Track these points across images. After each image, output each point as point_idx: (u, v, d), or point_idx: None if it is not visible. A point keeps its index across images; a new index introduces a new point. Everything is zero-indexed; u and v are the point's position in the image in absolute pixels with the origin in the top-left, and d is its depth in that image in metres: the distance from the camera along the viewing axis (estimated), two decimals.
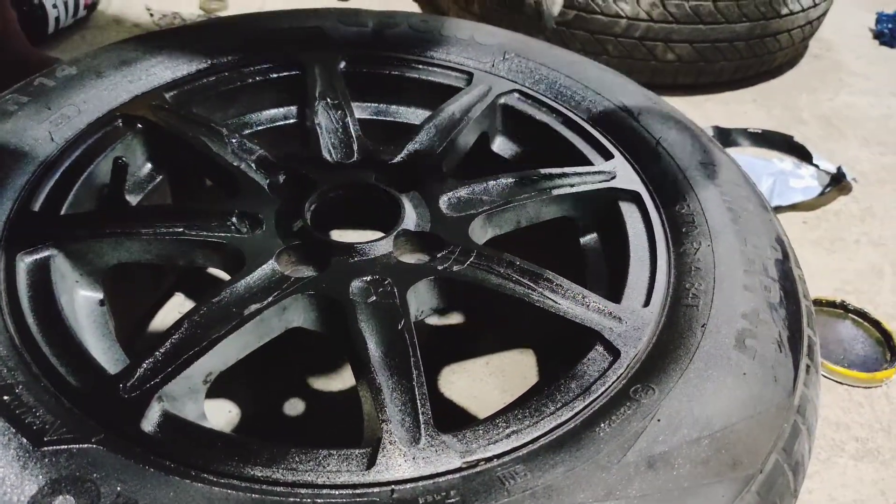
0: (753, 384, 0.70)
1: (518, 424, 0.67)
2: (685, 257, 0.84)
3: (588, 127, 1.02)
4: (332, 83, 1.05)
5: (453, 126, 1.01)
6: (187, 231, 0.82)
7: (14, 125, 0.89)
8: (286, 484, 0.60)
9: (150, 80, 1.01)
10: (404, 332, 0.74)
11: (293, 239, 0.83)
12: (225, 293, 0.75)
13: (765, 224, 0.90)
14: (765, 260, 0.84)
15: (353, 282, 0.78)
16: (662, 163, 0.97)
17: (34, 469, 0.57)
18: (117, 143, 0.93)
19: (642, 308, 0.79)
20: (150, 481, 0.58)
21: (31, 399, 0.63)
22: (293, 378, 1.06)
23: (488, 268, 0.81)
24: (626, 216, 0.91)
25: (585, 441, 0.64)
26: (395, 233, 0.84)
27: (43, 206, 0.82)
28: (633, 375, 0.71)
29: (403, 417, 0.66)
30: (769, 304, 0.78)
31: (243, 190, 0.89)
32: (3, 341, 0.67)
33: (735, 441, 0.66)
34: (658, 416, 0.66)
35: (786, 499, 0.68)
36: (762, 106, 1.86)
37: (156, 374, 0.68)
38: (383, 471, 0.61)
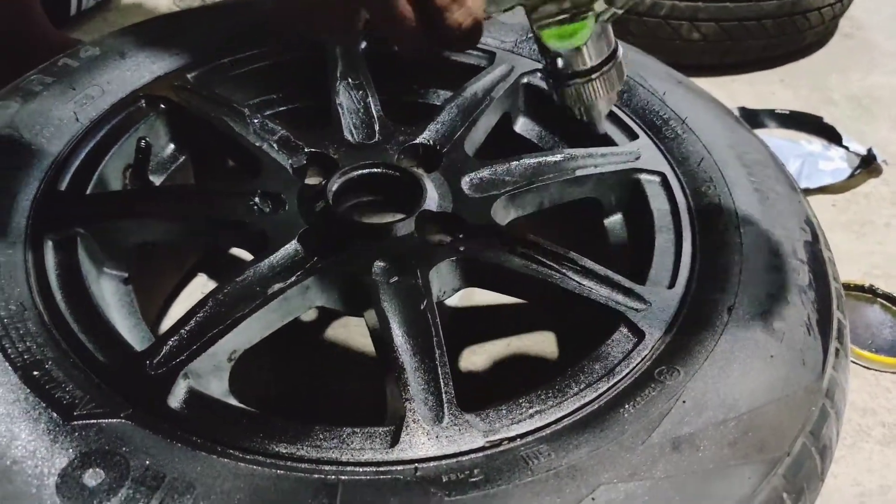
0: (781, 367, 0.70)
1: (541, 405, 0.66)
2: (711, 238, 0.83)
3: (612, 107, 1.01)
4: (354, 63, 1.04)
5: (475, 106, 1.01)
6: (211, 211, 0.83)
7: (40, 105, 0.90)
8: (310, 461, 0.60)
9: (173, 61, 1.01)
10: (427, 312, 0.73)
11: (316, 219, 0.83)
12: (249, 272, 0.76)
13: (793, 206, 0.88)
14: (793, 242, 0.82)
15: (376, 262, 0.78)
16: (689, 143, 0.95)
17: (64, 442, 0.58)
18: (141, 123, 0.93)
19: (667, 290, 0.78)
20: (178, 456, 0.58)
21: (61, 374, 0.64)
22: (316, 356, 1.07)
23: (511, 248, 0.81)
24: (651, 197, 0.90)
25: (609, 422, 0.64)
26: (416, 213, 0.84)
27: (69, 186, 0.83)
28: (658, 357, 0.71)
29: (426, 396, 0.66)
30: (798, 287, 0.77)
31: (266, 170, 0.89)
32: (33, 318, 0.68)
33: (762, 424, 0.65)
34: (683, 398, 0.66)
35: (813, 482, 0.67)
36: (790, 86, 1.82)
37: (181, 351, 0.68)
38: (407, 449, 0.62)
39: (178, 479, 0.57)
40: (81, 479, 0.56)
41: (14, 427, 0.59)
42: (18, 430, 0.59)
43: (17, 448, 0.58)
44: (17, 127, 0.86)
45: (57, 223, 0.78)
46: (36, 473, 0.56)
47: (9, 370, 0.63)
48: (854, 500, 0.99)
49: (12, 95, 0.90)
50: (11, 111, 0.88)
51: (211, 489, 0.56)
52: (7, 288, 0.70)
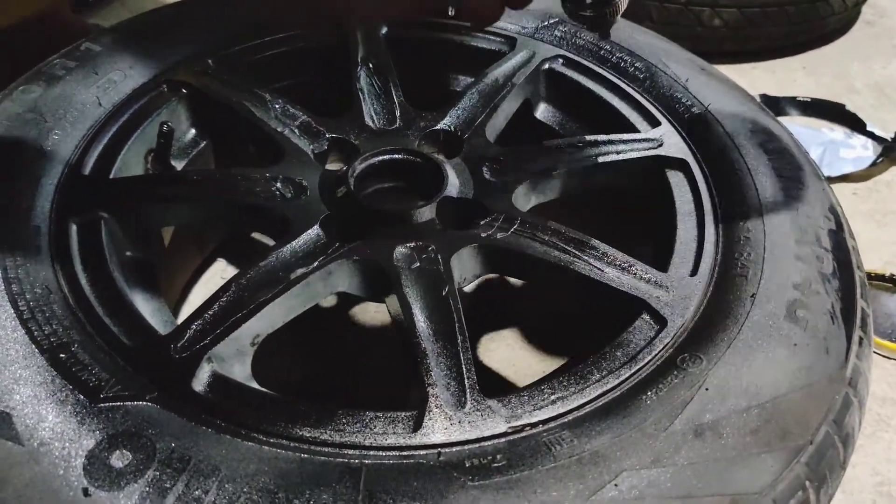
0: (804, 355, 0.69)
1: (563, 391, 0.66)
2: (734, 226, 0.82)
3: (634, 93, 1.00)
4: (375, 48, 1.04)
5: (496, 92, 1.00)
6: (233, 196, 0.83)
7: (63, 90, 0.90)
8: (334, 445, 0.61)
9: (194, 46, 1.01)
10: (448, 298, 0.74)
11: (337, 204, 0.83)
12: (271, 258, 0.76)
13: (817, 193, 0.87)
14: (817, 230, 0.82)
15: (397, 248, 0.78)
16: (711, 130, 0.94)
17: (91, 424, 0.59)
18: (163, 108, 0.93)
19: (689, 277, 0.77)
20: (203, 439, 0.59)
21: (87, 357, 0.64)
22: (337, 341, 1.07)
23: (532, 235, 0.81)
24: (673, 184, 0.89)
25: (632, 409, 0.64)
26: (438, 200, 0.84)
27: (93, 170, 0.84)
28: (681, 344, 0.70)
29: (449, 382, 0.66)
30: (822, 275, 0.76)
31: (287, 155, 0.89)
32: (59, 301, 0.69)
33: (785, 412, 0.65)
34: (706, 386, 0.66)
35: (835, 471, 0.67)
36: (812, 73, 1.80)
37: (205, 335, 0.69)
38: (429, 434, 0.62)
39: (204, 461, 0.57)
40: (108, 461, 0.57)
41: (41, 409, 0.60)
42: (45, 411, 0.59)
43: (44, 430, 0.58)
44: (40, 111, 0.86)
45: (81, 207, 0.78)
46: (63, 455, 0.57)
47: (35, 353, 0.64)
48: (873, 490, 0.98)
49: (35, 80, 0.91)
50: (35, 95, 0.88)
51: (236, 472, 0.57)
52: (33, 271, 0.71)
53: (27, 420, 0.59)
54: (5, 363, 0.62)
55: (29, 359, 0.63)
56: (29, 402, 0.60)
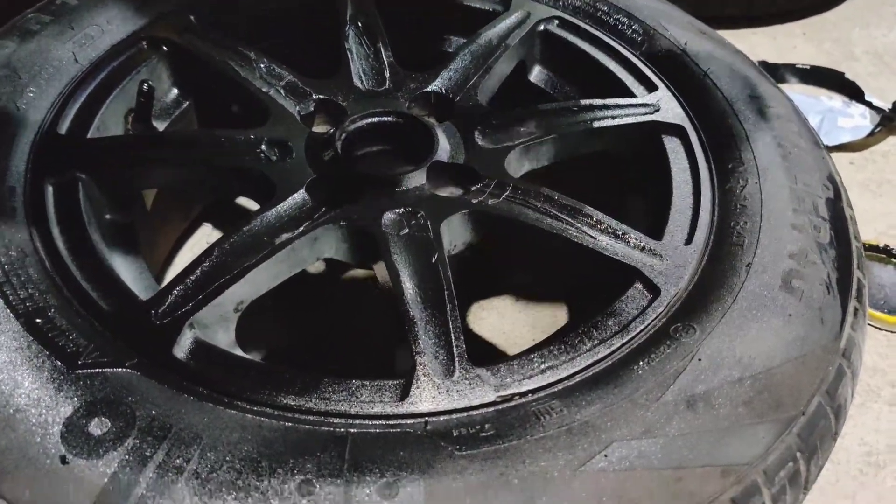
0: (799, 326, 0.68)
1: (553, 360, 0.65)
2: (731, 195, 0.80)
3: (631, 57, 0.98)
4: (364, 7, 1.01)
5: (490, 54, 0.97)
6: (216, 158, 0.80)
7: (38, 45, 0.87)
8: (319, 413, 0.59)
9: (176, 1, 0.97)
10: (438, 265, 0.72)
11: (324, 168, 0.80)
12: (256, 222, 0.74)
13: (816, 161, 0.85)
14: (815, 199, 0.80)
15: (386, 213, 0.76)
16: (709, 96, 0.92)
17: (69, 391, 0.57)
18: (143, 66, 0.90)
19: (684, 246, 0.76)
20: (184, 406, 0.57)
21: (64, 322, 0.62)
22: (324, 309, 1.06)
23: (524, 202, 0.79)
24: (670, 151, 0.87)
25: (623, 379, 0.63)
26: (428, 164, 0.81)
27: (69, 129, 0.81)
28: (674, 314, 0.69)
29: (437, 350, 0.65)
30: (818, 245, 0.75)
31: (272, 117, 0.86)
32: (34, 264, 0.67)
33: (778, 382, 0.64)
34: (699, 356, 0.65)
35: (826, 442, 0.66)
36: (812, 40, 1.77)
37: (187, 300, 0.67)
38: (417, 402, 0.61)
39: (185, 429, 0.56)
40: (87, 428, 0.55)
41: (17, 375, 0.58)
42: (22, 378, 0.58)
43: (20, 396, 0.57)
44: (14, 68, 0.83)
45: (57, 167, 0.76)
46: (40, 422, 0.55)
47: (11, 317, 0.62)
48: (861, 460, 0.98)
49: (9, 35, 0.87)
50: (8, 51, 0.85)
51: (218, 440, 0.55)
52: (7, 234, 0.68)
53: (2, 386, 0.57)
54: None
55: (4, 324, 0.61)
56: (4, 369, 0.58)
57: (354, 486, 0.54)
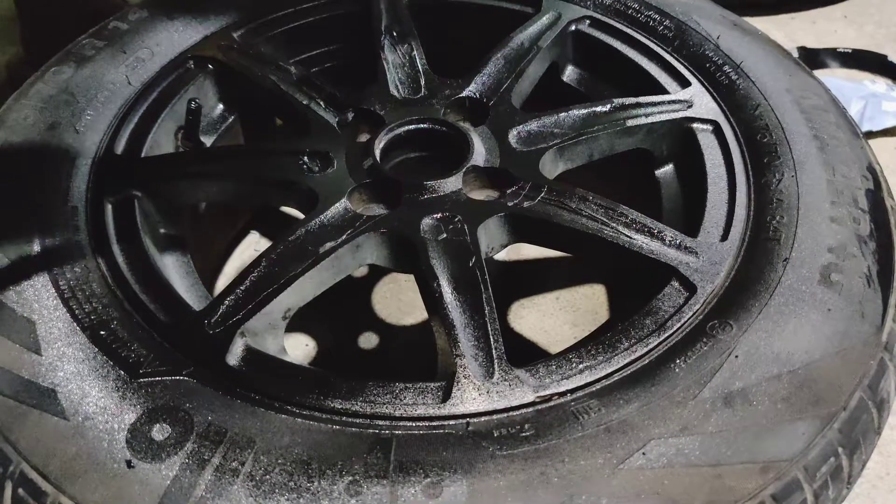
0: (838, 320, 0.68)
1: (591, 360, 0.67)
2: (766, 189, 0.80)
3: (664, 53, 0.98)
4: (398, 16, 1.03)
5: (522, 56, 0.98)
6: (262, 171, 0.84)
7: (93, 69, 0.91)
8: (365, 416, 0.62)
9: (219, 20, 1.01)
10: (475, 268, 0.74)
11: (364, 176, 0.83)
12: (300, 231, 0.77)
13: (855, 152, 0.85)
14: (854, 190, 0.79)
15: (424, 219, 0.78)
16: (744, 89, 0.92)
17: (132, 399, 0.61)
18: (190, 84, 0.94)
19: (720, 242, 0.76)
20: (238, 412, 0.61)
21: (126, 334, 0.66)
22: (366, 312, 1.09)
23: (560, 203, 0.80)
24: (704, 146, 0.87)
25: (660, 377, 0.64)
26: (464, 169, 0.83)
27: (125, 148, 0.85)
28: (710, 311, 0.70)
29: (477, 352, 0.67)
30: (858, 237, 0.75)
31: (313, 128, 0.89)
32: (97, 279, 0.71)
33: (817, 378, 0.64)
34: (736, 353, 0.65)
35: (869, 436, 0.66)
36: (853, 23, 1.73)
37: (238, 310, 0.70)
38: (458, 404, 0.63)
39: (240, 434, 0.59)
40: (150, 434, 0.59)
41: (85, 385, 0.62)
42: (89, 387, 0.62)
43: (88, 405, 0.61)
44: (72, 92, 0.88)
45: (115, 186, 0.80)
46: (107, 429, 0.59)
47: (77, 330, 0.66)
48: None
49: (66, 61, 0.92)
50: (66, 76, 0.90)
51: (270, 444, 0.59)
52: (72, 251, 0.73)
53: (72, 396, 0.61)
54: (49, 341, 0.65)
55: (71, 337, 0.66)
56: (73, 379, 0.63)
57: (400, 486, 0.56)
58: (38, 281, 0.69)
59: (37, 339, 0.65)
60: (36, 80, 0.90)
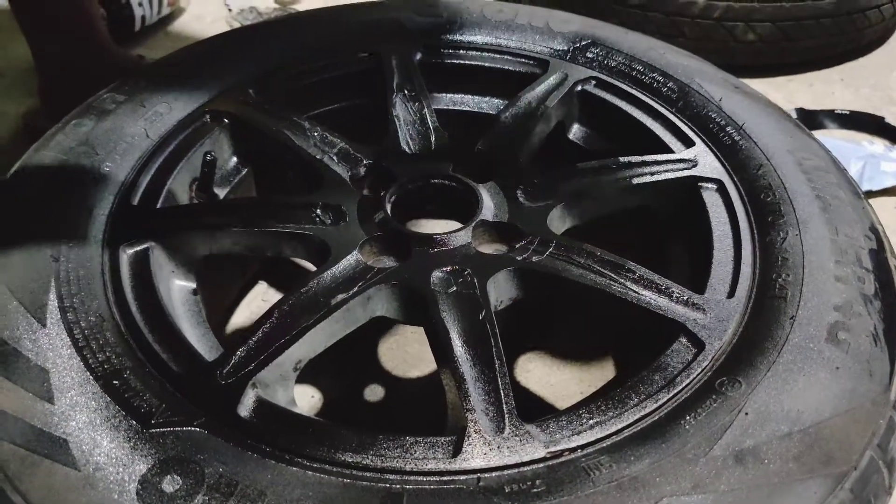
0: (847, 379, 0.68)
1: (601, 416, 0.67)
2: (772, 247, 0.82)
3: (668, 113, 1.01)
4: (409, 74, 1.06)
5: (530, 115, 1.01)
6: (275, 224, 0.85)
7: (113, 123, 0.94)
8: (375, 469, 0.62)
9: (235, 76, 1.04)
10: (485, 322, 0.74)
11: (375, 230, 0.85)
12: (312, 283, 0.78)
13: (857, 212, 0.86)
14: (858, 250, 0.81)
15: (434, 272, 0.79)
16: (746, 149, 0.94)
17: (143, 450, 0.61)
18: (206, 138, 0.96)
19: (727, 299, 0.77)
20: (249, 464, 0.61)
21: (138, 384, 0.67)
22: (372, 364, 1.09)
23: (568, 258, 0.81)
24: (709, 205, 0.89)
25: (671, 434, 0.64)
26: (473, 223, 0.85)
27: (141, 200, 0.87)
28: (719, 368, 0.70)
29: (487, 407, 0.67)
30: (863, 296, 0.76)
31: (326, 182, 0.91)
32: (111, 328, 0.72)
33: (828, 437, 0.64)
34: (745, 410, 0.65)
35: (880, 496, 0.66)
36: (850, 86, 1.77)
37: (249, 361, 0.71)
38: (469, 459, 0.63)
39: (251, 486, 0.59)
40: (160, 486, 0.59)
41: (96, 434, 0.62)
42: (100, 437, 0.62)
43: (99, 455, 0.61)
44: (92, 144, 0.90)
45: (131, 237, 0.81)
46: (118, 479, 0.59)
47: (90, 380, 0.66)
48: None
49: (87, 114, 0.95)
50: (86, 129, 0.92)
51: (281, 497, 0.58)
52: (87, 300, 0.74)
53: (83, 446, 0.61)
54: (62, 390, 0.65)
55: (84, 386, 0.66)
56: (85, 428, 0.62)
57: None
58: (54, 330, 0.70)
59: (50, 389, 0.65)
60: (57, 131, 0.92)
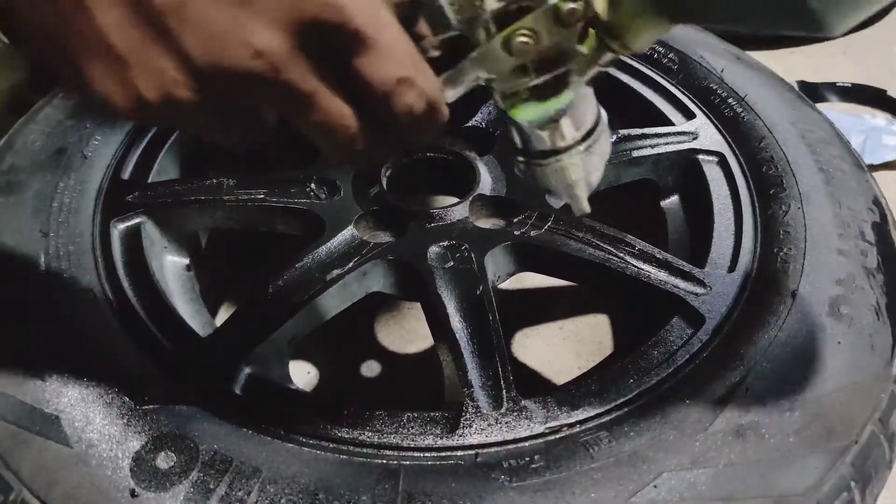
0: (848, 353, 0.68)
1: (600, 391, 0.66)
2: (773, 221, 0.81)
3: (668, 86, 0.99)
4: None
5: None
6: (269, 198, 0.84)
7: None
8: (372, 445, 0.61)
9: None
10: (483, 297, 0.74)
11: (370, 204, 0.83)
12: (307, 259, 0.77)
13: (860, 185, 0.85)
14: (861, 223, 0.80)
15: (431, 247, 0.78)
16: (748, 121, 0.92)
17: (137, 426, 0.60)
18: None
19: (727, 273, 0.76)
20: (244, 440, 0.60)
21: (130, 360, 0.66)
22: (368, 340, 1.08)
23: (566, 232, 0.80)
24: (710, 178, 0.88)
25: (670, 409, 0.63)
26: (470, 198, 0.84)
27: (132, 174, 0.85)
28: (719, 342, 0.69)
29: (485, 382, 0.67)
30: (866, 270, 0.75)
31: (320, 155, 0.90)
32: (103, 305, 0.70)
33: (829, 411, 0.63)
34: (746, 385, 0.65)
35: (881, 471, 0.65)
36: (852, 58, 1.75)
37: (244, 337, 0.70)
38: (467, 435, 0.62)
39: (245, 463, 0.58)
40: (154, 462, 0.58)
41: (89, 411, 0.61)
42: (93, 414, 0.61)
43: (91, 432, 0.60)
44: (81, 117, 0.88)
45: (122, 211, 0.80)
46: (111, 456, 0.58)
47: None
48: None
49: None
50: (75, 101, 0.90)
51: (276, 473, 0.58)
52: (78, 275, 0.72)
53: (76, 423, 0.60)
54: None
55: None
56: (77, 405, 0.62)
57: None
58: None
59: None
60: (45, 104, 0.90)
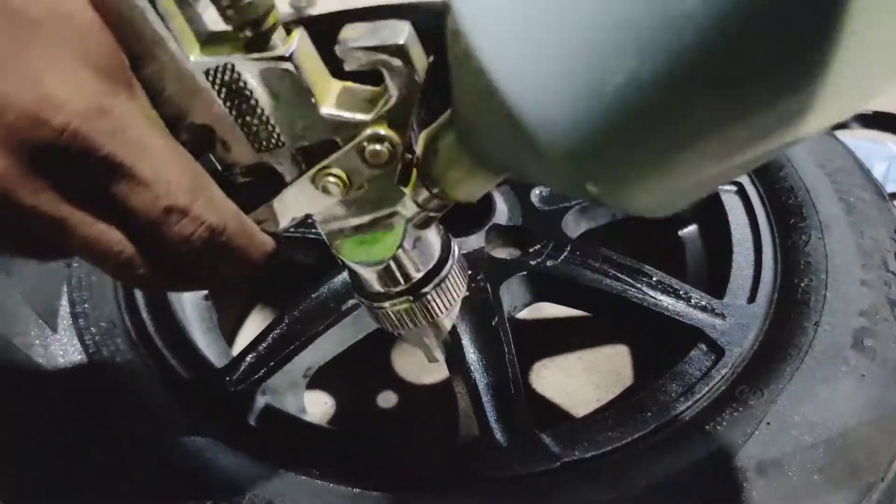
0: (873, 386, 0.66)
1: (617, 424, 0.65)
2: (794, 251, 0.79)
3: None
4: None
5: None
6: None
7: None
8: (386, 479, 0.60)
9: None
10: (498, 328, 0.73)
11: None
12: (322, 289, 0.77)
13: (882, 214, 0.84)
14: (884, 253, 0.78)
15: None
16: None
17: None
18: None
19: (747, 304, 0.75)
20: (258, 472, 0.60)
21: (147, 390, 0.66)
22: (384, 370, 1.07)
23: (583, 262, 0.80)
24: (728, 207, 0.87)
25: (690, 444, 0.62)
26: (486, 227, 0.84)
27: None
28: (739, 375, 0.68)
29: (499, 415, 0.66)
30: (890, 301, 0.73)
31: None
32: (122, 334, 0.71)
33: (854, 447, 0.62)
34: (767, 420, 0.63)
35: None
36: None
37: (259, 367, 0.70)
38: (481, 469, 0.61)
39: (259, 495, 0.58)
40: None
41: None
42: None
43: None
44: None
45: None
46: None
47: None
48: None
49: None
50: None
51: None
52: (98, 305, 0.73)
53: None
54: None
55: None
56: None
57: None
58: (65, 336, 0.70)
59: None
60: None
